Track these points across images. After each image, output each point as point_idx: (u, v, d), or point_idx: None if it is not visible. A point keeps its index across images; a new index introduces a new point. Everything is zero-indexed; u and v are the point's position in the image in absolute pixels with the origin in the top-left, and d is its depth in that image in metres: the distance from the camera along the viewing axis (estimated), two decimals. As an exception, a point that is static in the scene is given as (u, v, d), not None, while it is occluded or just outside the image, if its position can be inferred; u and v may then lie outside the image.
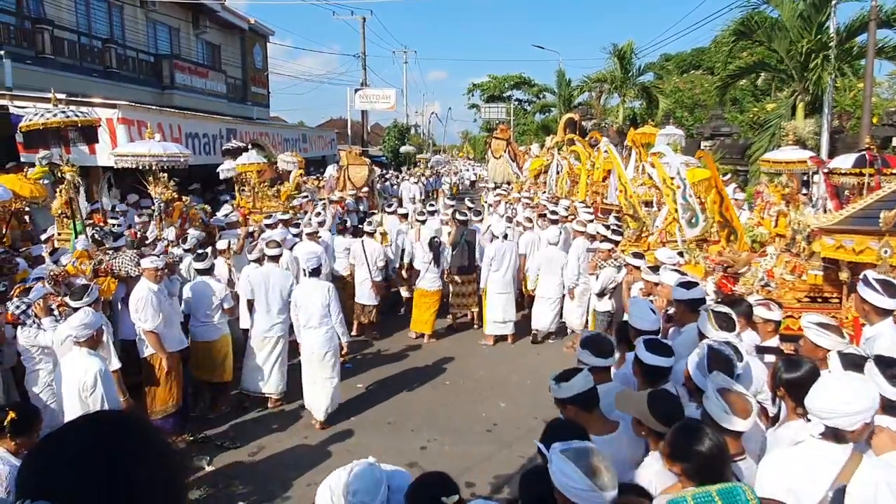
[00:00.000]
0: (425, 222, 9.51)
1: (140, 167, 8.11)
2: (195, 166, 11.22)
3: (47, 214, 7.77)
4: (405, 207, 12.08)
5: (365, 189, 14.04)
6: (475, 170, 42.48)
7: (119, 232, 7.48)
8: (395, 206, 12.31)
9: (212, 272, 6.30)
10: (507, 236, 8.62)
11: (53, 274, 5.34)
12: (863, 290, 3.42)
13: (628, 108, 28.21)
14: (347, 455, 5.07)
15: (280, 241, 6.84)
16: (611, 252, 7.26)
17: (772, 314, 3.94)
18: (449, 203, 12.79)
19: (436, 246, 8.50)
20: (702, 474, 2.12)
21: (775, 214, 6.32)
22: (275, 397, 6.36)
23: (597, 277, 7.30)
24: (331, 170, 14.78)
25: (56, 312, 4.91)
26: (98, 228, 7.40)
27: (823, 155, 12.33)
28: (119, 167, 8.44)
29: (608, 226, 7.97)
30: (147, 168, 8.09)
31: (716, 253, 6.10)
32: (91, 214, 8.53)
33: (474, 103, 52.90)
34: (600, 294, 7.24)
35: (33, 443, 1.10)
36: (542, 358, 7.92)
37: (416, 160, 32.91)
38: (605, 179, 10.94)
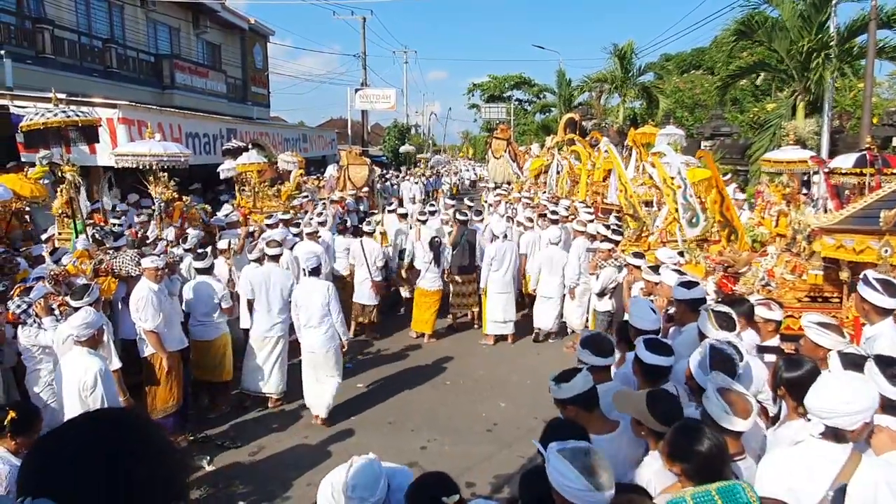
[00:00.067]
0: (426, 222, 9.51)
1: (140, 167, 8.11)
2: (195, 166, 11.23)
3: (47, 214, 7.78)
4: (405, 207, 12.08)
5: (365, 189, 14.05)
6: (475, 170, 42.46)
7: (119, 232, 7.48)
8: (396, 206, 12.32)
9: (211, 271, 6.31)
10: (507, 236, 8.61)
11: (54, 273, 5.35)
12: (863, 290, 3.42)
13: (628, 108, 28.20)
14: (347, 455, 4.99)
15: (280, 241, 6.84)
16: (611, 252, 7.26)
17: (773, 314, 3.94)
18: (449, 203, 12.79)
19: (436, 246, 8.50)
20: (701, 474, 2.11)
21: (776, 214, 6.32)
22: (275, 397, 6.36)
23: (597, 277, 7.30)
24: (331, 170, 14.79)
25: (57, 312, 4.91)
26: (99, 228, 7.40)
27: (824, 155, 12.32)
28: (119, 167, 8.44)
29: (608, 225, 7.97)
30: (147, 168, 8.10)
31: (716, 253, 6.10)
32: (91, 214, 8.54)
33: (474, 103, 52.98)
34: (600, 294, 7.24)
35: (33, 442, 1.10)
36: (543, 358, 7.91)
37: (417, 160, 32.91)
38: (606, 179, 10.93)
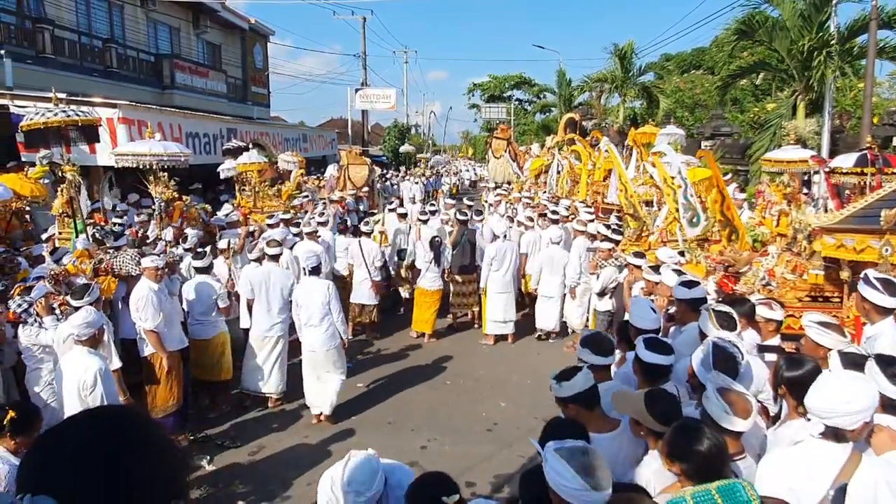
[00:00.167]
0: (427, 222, 9.50)
1: (141, 166, 8.12)
2: (195, 166, 11.22)
3: (47, 214, 7.78)
4: (405, 207, 12.08)
5: (365, 189, 14.06)
6: (475, 170, 42.45)
7: (120, 231, 7.49)
8: (396, 206, 12.32)
9: (210, 271, 6.31)
10: (507, 236, 8.61)
11: (54, 273, 5.35)
12: (864, 289, 3.41)
13: (629, 108, 28.18)
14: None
15: (280, 241, 6.84)
16: (611, 251, 7.26)
17: (774, 313, 3.94)
18: (449, 203, 12.79)
19: (436, 245, 8.50)
20: (701, 474, 2.11)
21: (777, 214, 6.31)
22: (275, 397, 6.36)
23: (597, 277, 7.30)
24: (331, 169, 14.79)
25: (58, 311, 4.92)
26: (99, 228, 7.41)
27: (824, 154, 12.31)
28: (120, 166, 8.45)
29: (609, 225, 7.97)
30: (148, 167, 8.10)
31: (717, 252, 6.09)
32: (92, 214, 8.54)
33: (475, 103, 53.00)
34: (601, 293, 7.24)
35: (33, 440, 1.09)
36: (543, 357, 7.91)
37: (416, 160, 32.91)
38: (606, 179, 10.93)
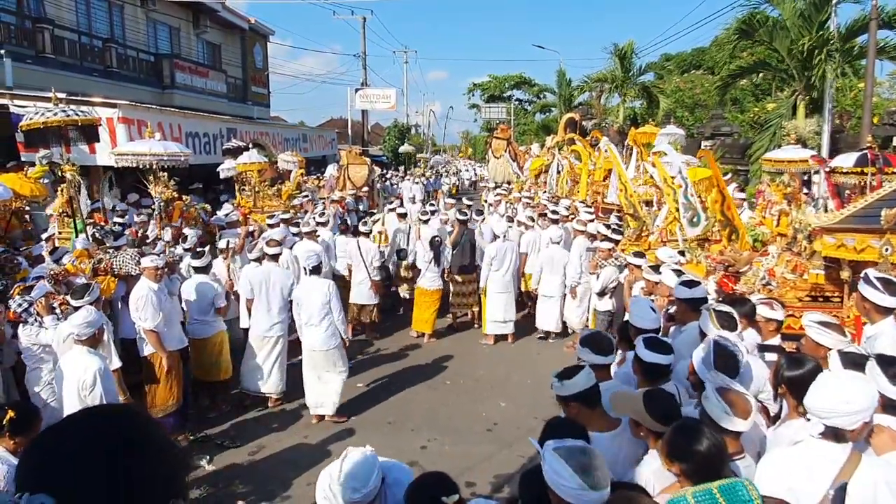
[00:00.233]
0: (428, 222, 9.49)
1: (141, 166, 8.11)
2: (195, 166, 11.23)
3: (43, 215, 7.78)
4: (405, 207, 12.09)
5: (365, 188, 14.06)
6: (475, 170, 42.44)
7: (120, 231, 7.48)
8: (397, 206, 12.32)
9: (208, 270, 6.30)
10: (506, 236, 8.61)
11: (53, 273, 5.34)
12: (864, 289, 3.41)
13: (629, 108, 28.16)
14: (347, 454, 5.07)
15: (280, 240, 6.84)
16: (611, 251, 7.26)
17: (775, 313, 3.93)
18: (449, 202, 12.79)
19: (436, 245, 8.49)
20: (700, 474, 2.11)
21: (777, 213, 6.30)
22: (275, 397, 6.35)
23: (597, 277, 7.30)
24: (331, 169, 14.80)
25: (58, 311, 4.91)
26: (99, 227, 7.41)
27: (824, 154, 12.29)
28: (119, 166, 8.44)
29: (609, 225, 7.97)
30: (148, 167, 8.09)
31: (717, 252, 6.09)
32: (92, 213, 8.54)
33: (475, 103, 52.96)
34: (601, 293, 7.24)
35: (32, 438, 1.08)
36: (543, 357, 7.91)
37: (416, 160, 32.90)
38: (606, 179, 10.93)
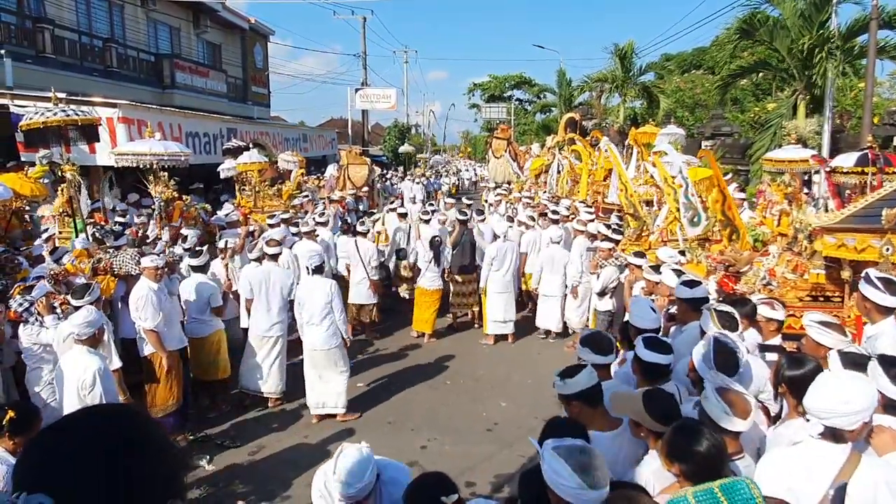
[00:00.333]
0: (429, 221, 9.50)
1: (141, 166, 8.10)
2: (195, 165, 11.22)
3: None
4: (405, 207, 12.09)
5: (365, 188, 14.06)
6: (475, 170, 42.44)
7: (120, 231, 7.48)
8: (397, 206, 12.32)
9: (206, 269, 6.29)
10: (506, 236, 8.61)
11: (53, 273, 5.34)
12: (865, 289, 3.40)
13: (629, 108, 28.16)
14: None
15: (280, 240, 6.84)
16: (611, 251, 7.25)
17: (775, 313, 3.92)
18: (449, 202, 12.78)
19: (436, 245, 8.49)
20: (700, 475, 2.10)
21: (777, 213, 6.30)
22: (274, 397, 6.35)
23: (598, 277, 7.29)
24: (331, 169, 14.79)
25: (59, 310, 4.91)
26: (99, 227, 7.40)
27: (825, 154, 12.29)
28: (120, 166, 8.44)
29: (609, 225, 7.96)
30: (148, 167, 8.09)
31: (718, 252, 6.08)
32: (92, 213, 8.54)
33: (475, 103, 53.01)
34: (601, 293, 7.23)
35: (31, 437, 1.07)
36: (543, 357, 7.90)
37: (416, 160, 32.90)
38: (607, 179, 10.92)
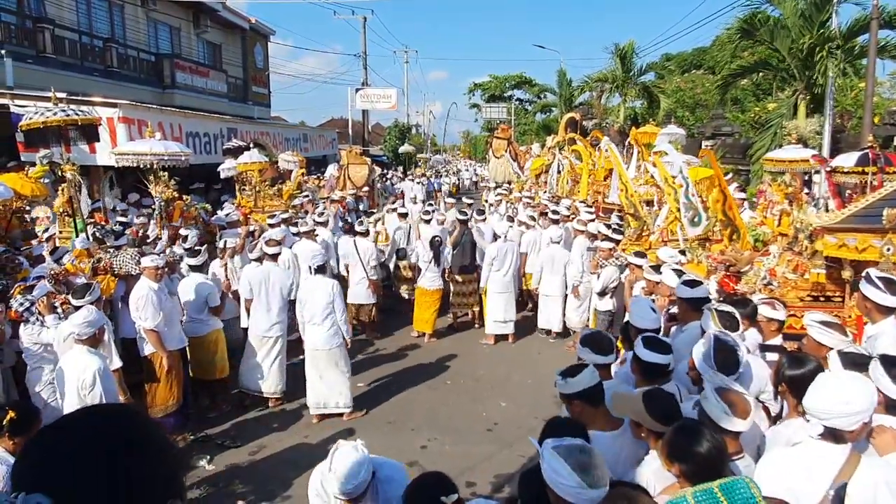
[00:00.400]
0: (429, 222, 9.50)
1: (141, 166, 8.10)
2: (196, 165, 11.22)
3: (49, 214, 7.79)
4: (406, 207, 12.09)
5: (365, 188, 14.06)
6: (476, 170, 42.44)
7: (120, 231, 7.48)
8: (398, 206, 12.32)
9: (204, 269, 6.29)
10: (506, 236, 8.61)
11: (53, 272, 5.34)
12: (865, 288, 3.40)
13: (629, 108, 28.17)
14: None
15: (280, 240, 6.84)
16: (612, 251, 7.25)
17: (776, 313, 3.91)
18: (449, 202, 12.78)
19: (436, 245, 8.49)
20: (700, 475, 2.10)
21: (778, 213, 6.29)
22: (275, 397, 6.34)
23: (598, 276, 7.29)
24: (331, 169, 14.80)
25: (59, 310, 4.91)
26: (100, 227, 7.40)
27: (825, 154, 12.27)
28: (120, 166, 8.43)
29: (609, 225, 7.96)
30: (148, 167, 8.08)
31: (718, 252, 6.08)
32: (93, 213, 8.54)
33: (475, 103, 53.01)
34: (601, 293, 7.23)
35: (30, 437, 1.06)
36: (543, 357, 7.90)
37: (417, 160, 32.89)
38: (607, 179, 10.92)
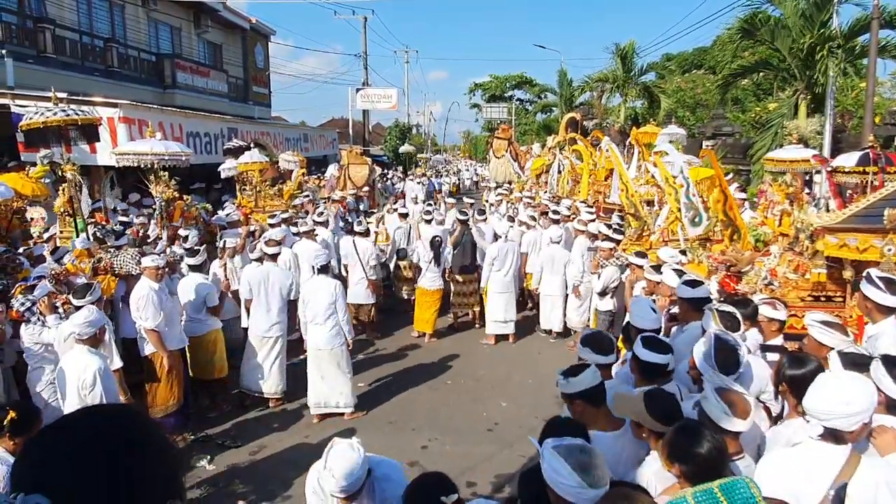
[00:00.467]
0: (430, 222, 9.50)
1: (142, 165, 8.10)
2: (196, 165, 11.23)
3: (49, 213, 7.79)
4: (406, 207, 12.10)
5: (365, 188, 14.06)
6: (476, 170, 42.43)
7: (121, 231, 7.48)
8: (399, 206, 12.32)
9: (203, 269, 6.29)
10: (507, 236, 8.61)
11: (54, 272, 5.34)
12: (866, 288, 3.39)
13: (630, 108, 28.16)
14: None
15: (279, 240, 6.84)
16: (612, 251, 7.25)
17: (777, 313, 3.90)
18: (450, 202, 12.78)
19: (437, 245, 8.49)
20: (700, 476, 2.09)
21: (779, 213, 6.28)
22: (275, 397, 6.34)
23: (599, 276, 7.29)
24: (332, 169, 14.80)
25: (60, 310, 4.91)
26: (100, 227, 7.40)
27: (826, 154, 12.27)
28: (121, 166, 8.44)
29: (610, 225, 7.96)
30: (149, 167, 8.09)
31: (719, 252, 6.07)
32: (93, 213, 8.55)
33: (476, 103, 52.96)
34: (602, 293, 7.23)
35: (29, 437, 1.05)
36: (544, 357, 7.90)
37: (417, 160, 32.88)
38: (608, 179, 10.92)
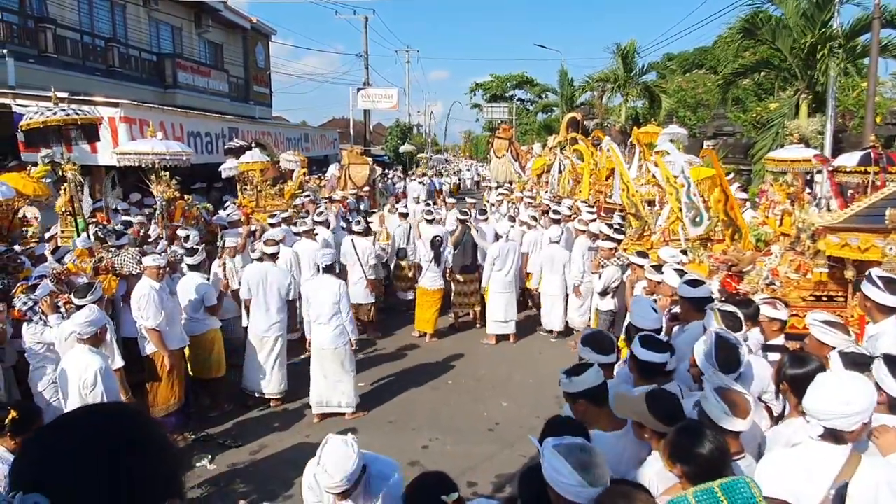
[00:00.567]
0: (432, 221, 9.50)
1: (143, 165, 8.10)
2: (197, 165, 11.22)
3: (51, 213, 7.78)
4: (407, 207, 12.09)
5: (366, 188, 14.06)
6: (477, 169, 42.42)
7: (122, 230, 7.48)
8: (400, 206, 12.31)
9: (202, 268, 6.30)
10: (508, 236, 8.60)
11: (55, 272, 5.34)
12: (866, 288, 3.39)
13: (631, 108, 28.14)
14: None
15: (280, 239, 6.84)
16: (613, 251, 7.24)
17: (778, 313, 3.90)
18: (450, 202, 12.78)
19: (437, 245, 8.49)
20: (702, 476, 2.09)
21: (780, 213, 6.28)
22: (276, 397, 6.34)
23: (599, 276, 7.29)
24: (332, 169, 14.80)
25: (62, 310, 4.92)
26: (101, 226, 7.40)
27: (827, 154, 12.25)
28: (122, 165, 8.44)
29: (611, 224, 7.96)
30: (150, 166, 8.09)
31: (720, 252, 6.06)
32: (94, 213, 8.55)
33: (477, 103, 52.94)
34: (603, 293, 7.23)
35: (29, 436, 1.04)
36: (545, 357, 7.90)
37: (418, 160, 32.88)
38: (609, 178, 10.91)
